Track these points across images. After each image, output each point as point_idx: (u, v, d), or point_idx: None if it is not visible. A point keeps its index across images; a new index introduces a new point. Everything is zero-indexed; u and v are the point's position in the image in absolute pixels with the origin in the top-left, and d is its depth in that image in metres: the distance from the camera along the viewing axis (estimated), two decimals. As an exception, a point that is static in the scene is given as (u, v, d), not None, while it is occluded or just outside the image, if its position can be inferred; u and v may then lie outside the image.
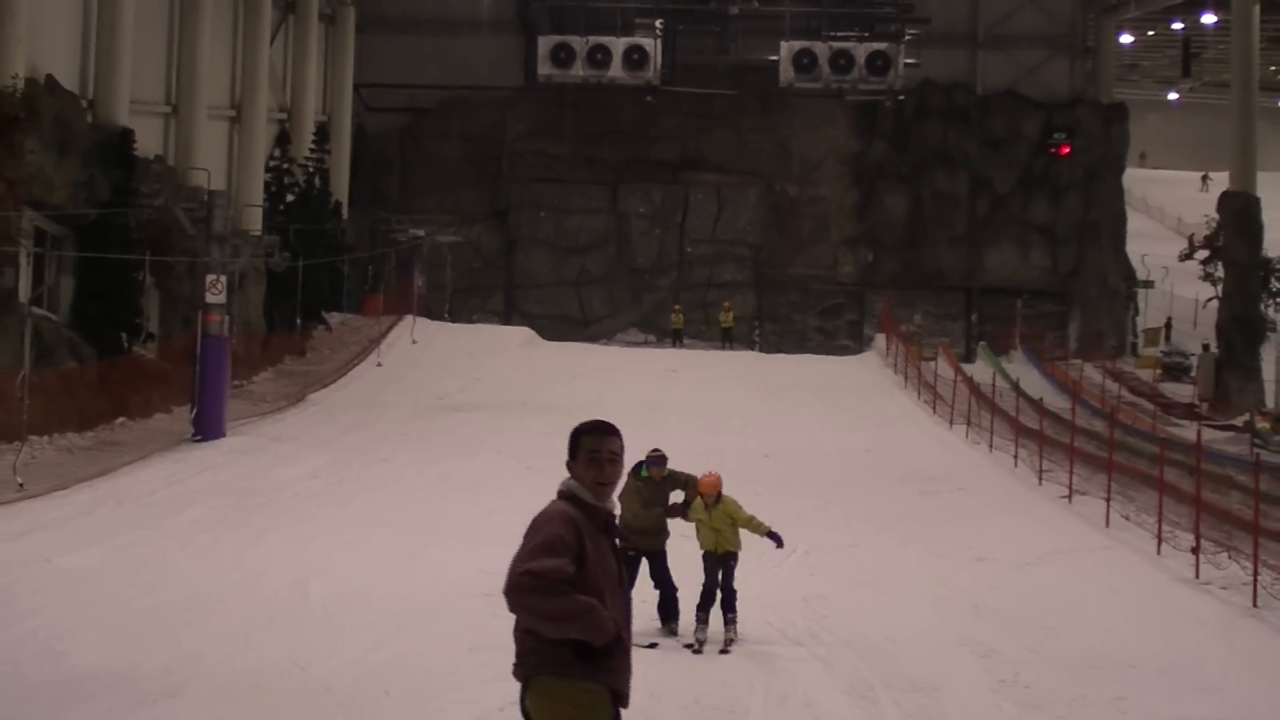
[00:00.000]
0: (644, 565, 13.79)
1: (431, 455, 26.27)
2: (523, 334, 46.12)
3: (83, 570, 15.77)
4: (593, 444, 6.05)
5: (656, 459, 14.07)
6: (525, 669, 5.78)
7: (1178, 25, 57.03)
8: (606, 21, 49.68)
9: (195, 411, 27.35)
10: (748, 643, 13.50)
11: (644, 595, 13.64)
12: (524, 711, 5.82)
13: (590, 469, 5.98)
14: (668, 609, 13.80)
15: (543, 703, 5.73)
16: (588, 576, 5.72)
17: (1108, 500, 22.17)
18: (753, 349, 49.59)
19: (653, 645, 13.17)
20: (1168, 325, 51.03)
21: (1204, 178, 70.35)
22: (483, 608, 14.64)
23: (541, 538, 5.73)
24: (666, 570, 13.80)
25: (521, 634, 5.80)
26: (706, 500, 13.87)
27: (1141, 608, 16.18)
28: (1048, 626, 14.88)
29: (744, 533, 13.90)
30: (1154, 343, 50.27)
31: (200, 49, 36.78)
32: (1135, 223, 56.71)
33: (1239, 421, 35.37)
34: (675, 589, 13.79)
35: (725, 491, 13.95)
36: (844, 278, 52.68)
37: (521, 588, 5.63)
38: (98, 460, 24.18)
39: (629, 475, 13.93)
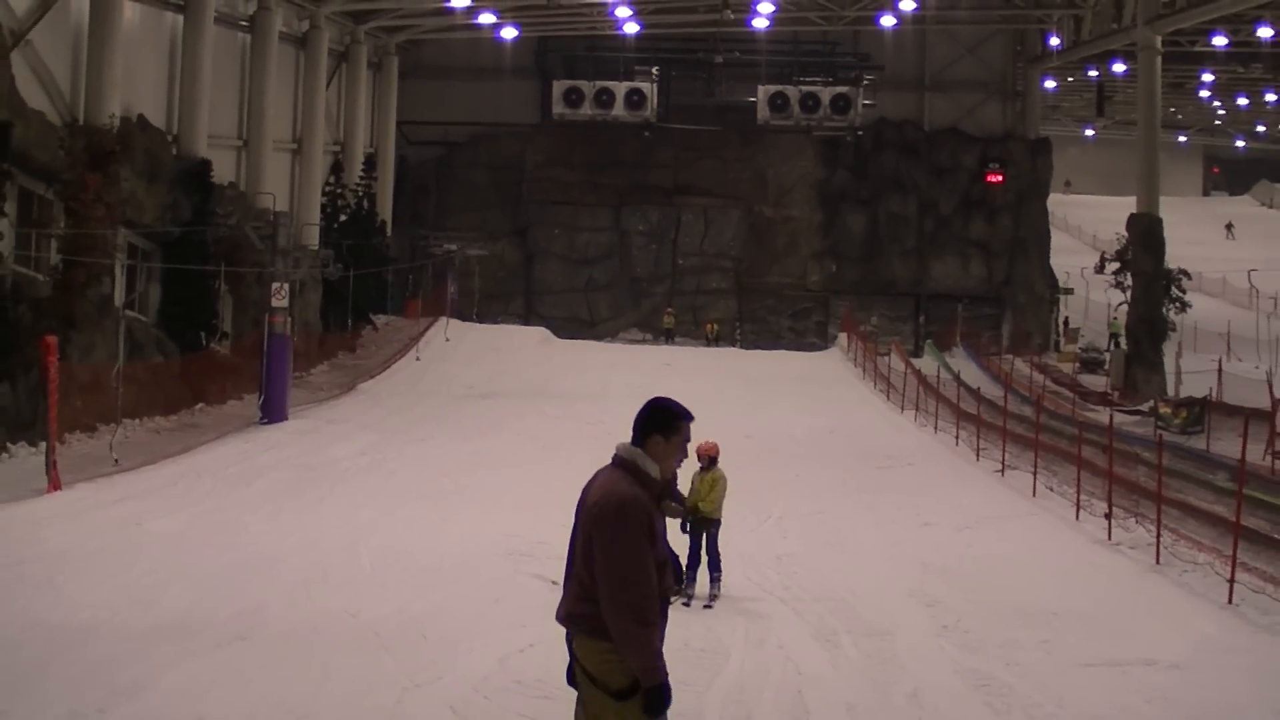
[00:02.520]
0: None
1: (462, 435, 26.29)
2: (539, 333, 46.14)
3: (168, 533, 15.79)
4: (687, 432, 5.85)
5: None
6: (574, 624, 5.59)
7: (1093, 73, 57.02)
8: (611, 68, 49.72)
9: (262, 398, 27.36)
10: (730, 596, 13.50)
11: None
12: (571, 651, 5.65)
13: (677, 451, 5.77)
14: (674, 575, 13.69)
15: (589, 649, 5.56)
16: (654, 548, 5.56)
17: (1034, 474, 22.19)
18: (735, 346, 49.71)
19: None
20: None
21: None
22: (505, 565, 14.67)
23: (628, 554, 5.45)
24: (665, 540, 13.73)
25: (577, 596, 5.58)
26: (702, 462, 13.86)
27: (1063, 564, 16.20)
28: (984, 580, 14.90)
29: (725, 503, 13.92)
30: (1074, 341, 50.30)
31: (267, 92, 36.75)
32: (1058, 239, 56.74)
33: (1145, 407, 35.41)
34: (676, 556, 13.69)
35: (721, 465, 13.94)
36: (812, 285, 52.74)
37: (623, 602, 5.41)
38: (180, 440, 24.20)
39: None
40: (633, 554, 5.43)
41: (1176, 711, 9.77)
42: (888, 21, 46.70)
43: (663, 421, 5.76)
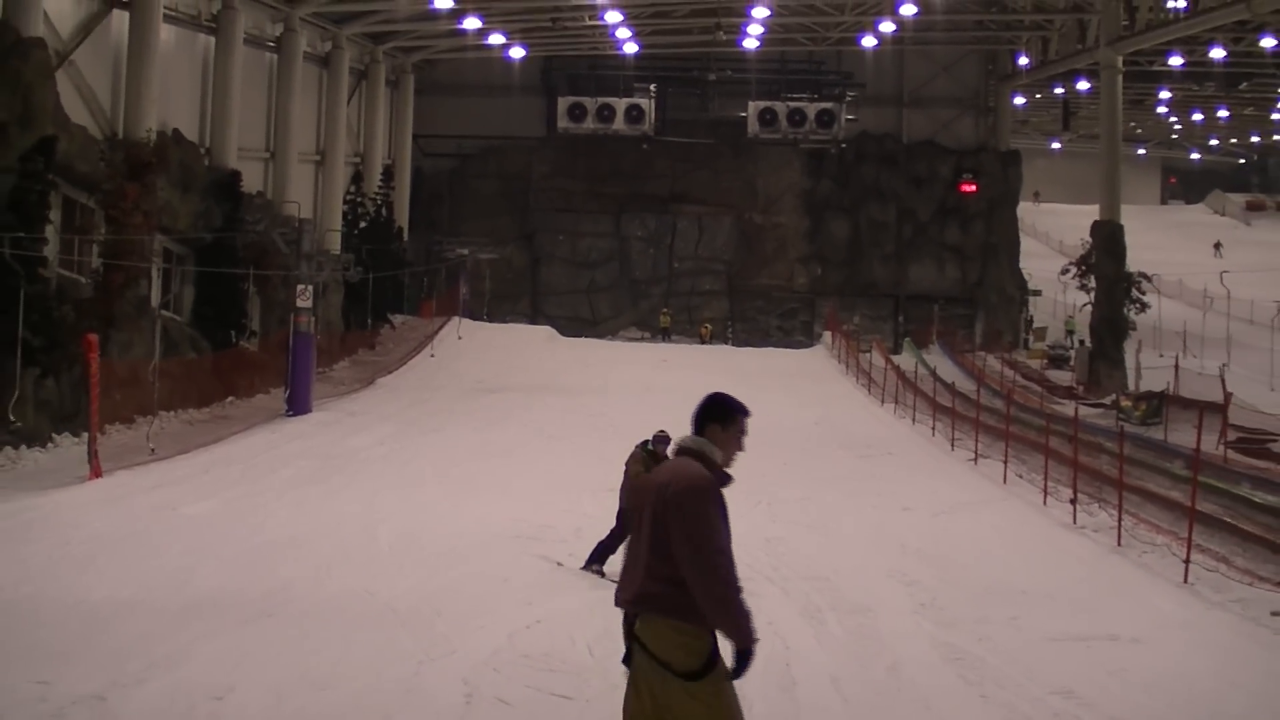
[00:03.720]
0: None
1: (473, 427, 26.28)
2: (545, 331, 46.13)
3: (201, 516, 15.79)
4: (745, 425, 5.77)
5: (662, 438, 14.02)
6: (645, 604, 5.35)
7: (1059, 90, 57.02)
8: (611, 86, 49.78)
9: (288, 392, 27.38)
10: (722, 574, 13.49)
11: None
12: (633, 636, 5.39)
13: (736, 444, 5.68)
14: None
15: (658, 630, 5.31)
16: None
17: (1005, 462, 22.19)
18: (726, 343, 49.71)
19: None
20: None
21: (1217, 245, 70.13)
22: (513, 547, 14.66)
23: (715, 526, 5.32)
24: None
25: (646, 578, 5.36)
26: None
27: (1031, 546, 16.20)
28: (958, 561, 14.90)
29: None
30: (1043, 339, 50.34)
31: (292, 107, 36.74)
32: (1026, 245, 56.72)
33: (1107, 400, 35.40)
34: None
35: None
36: (798, 287, 52.73)
37: (717, 569, 5.25)
38: (212, 430, 24.20)
39: (637, 447, 13.99)
40: (718, 526, 5.34)
41: (1136, 682, 9.78)
42: (869, 42, 46.68)
43: (720, 412, 5.70)
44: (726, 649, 5.36)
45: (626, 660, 5.49)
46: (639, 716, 5.36)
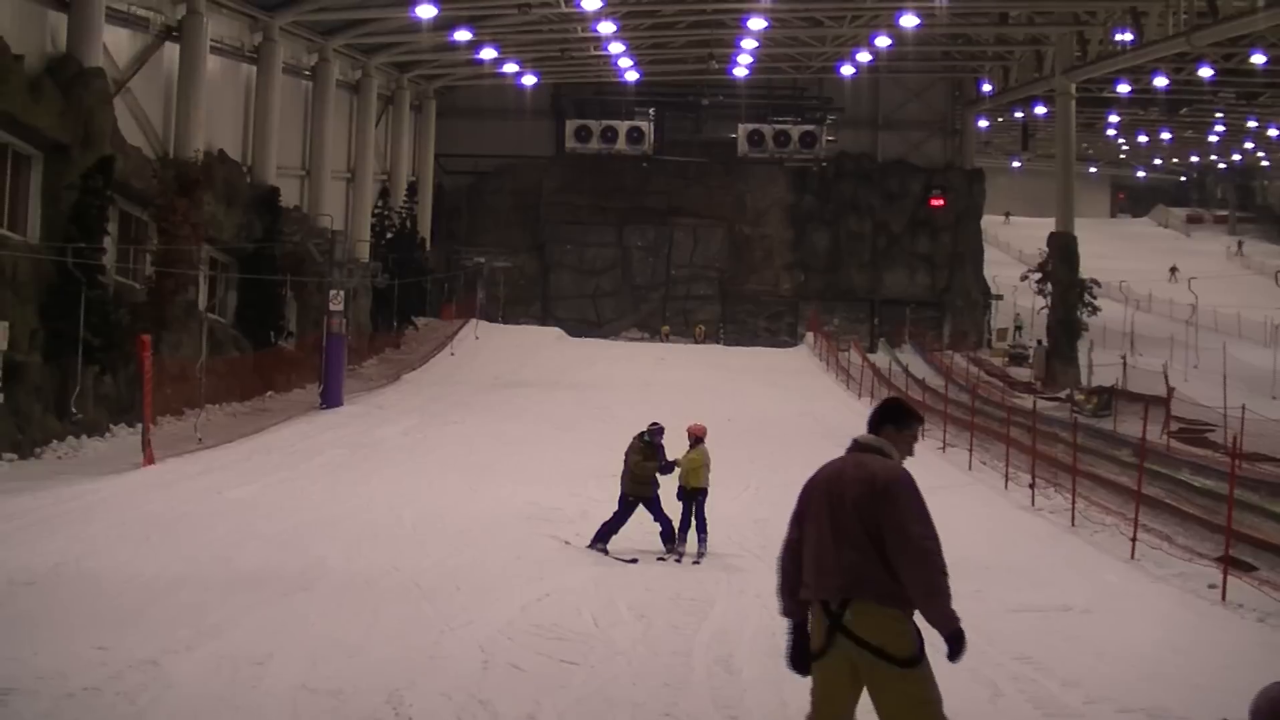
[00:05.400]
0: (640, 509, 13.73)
1: (490, 419, 26.31)
2: (555, 332, 46.14)
3: (244, 500, 15.82)
4: (918, 432, 5.61)
5: (656, 429, 14.05)
6: (861, 589, 4.99)
7: (1019, 114, 56.91)
8: (614, 109, 49.70)
9: (322, 387, 27.42)
10: (715, 554, 13.53)
11: (649, 527, 13.70)
12: (840, 625, 4.99)
13: (907, 448, 5.48)
14: (669, 537, 13.67)
15: (876, 618, 4.96)
16: None
17: (970, 451, 22.24)
18: (719, 343, 49.69)
19: (633, 560, 13.11)
20: (1018, 327, 51.07)
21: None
22: (525, 528, 14.69)
23: (926, 514, 5.09)
24: (660, 509, 13.72)
25: (857, 565, 5.01)
26: (691, 440, 13.90)
27: (993, 526, 16.23)
28: (927, 540, 14.90)
29: (710, 474, 13.94)
30: (1004, 339, 50.32)
31: (326, 130, 36.73)
32: (990, 254, 56.66)
33: (1062, 395, 35.39)
34: (670, 520, 13.72)
35: (706, 444, 13.98)
36: (784, 292, 52.64)
37: (932, 555, 4.98)
38: (253, 422, 24.25)
39: (636, 438, 13.99)
40: (928, 514, 5.08)
41: (1088, 648, 9.80)
42: (847, 70, 46.63)
43: (897, 415, 5.51)
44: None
45: (818, 655, 5.08)
46: (842, 706, 5.05)
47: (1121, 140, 74.02)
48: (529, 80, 46.28)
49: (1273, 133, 63.56)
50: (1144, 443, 17.56)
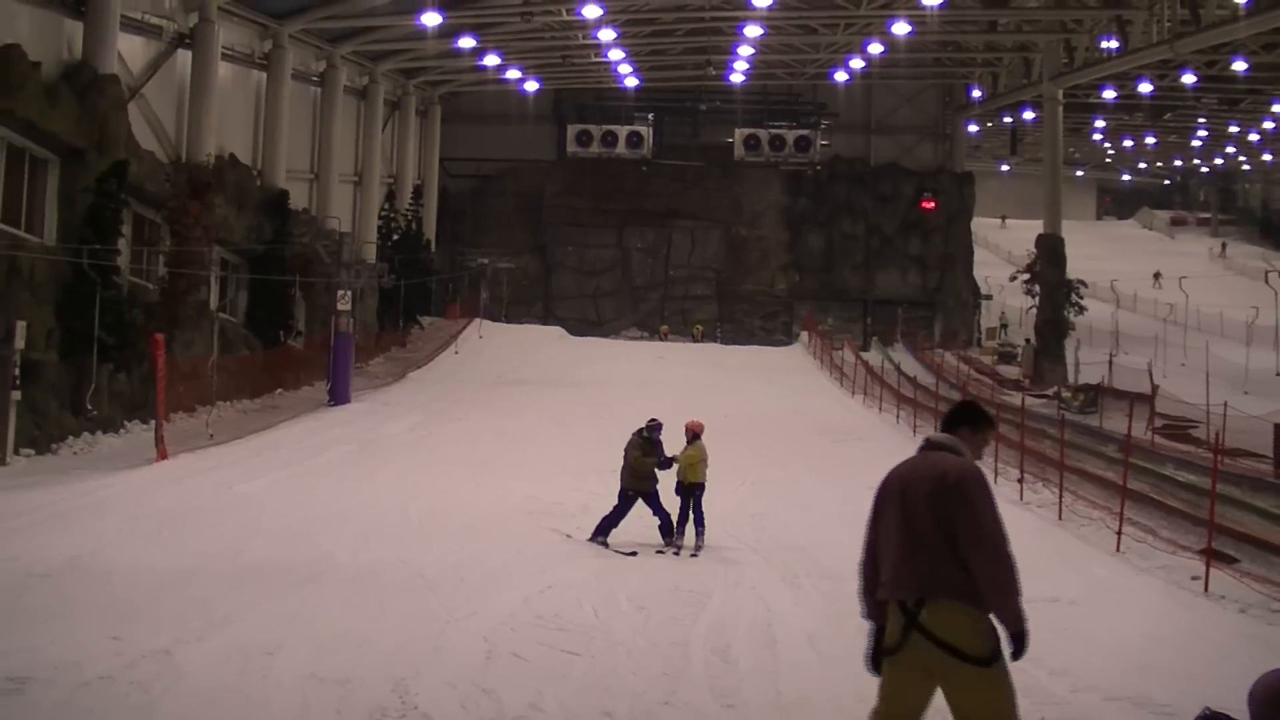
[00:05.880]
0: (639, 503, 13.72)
1: (493, 416, 26.29)
2: (556, 331, 46.12)
3: (253, 494, 15.81)
4: (990, 436, 5.50)
5: (654, 425, 14.04)
6: (938, 588, 4.88)
7: (1008, 119, 56.92)
8: (614, 114, 49.70)
9: (330, 385, 27.42)
10: (712, 547, 13.53)
11: (648, 521, 13.69)
12: (916, 624, 4.89)
13: (979, 451, 5.33)
14: (667, 531, 13.67)
15: (954, 617, 4.85)
16: None
17: (960, 446, 22.18)
18: (716, 342, 49.67)
19: (633, 553, 13.11)
20: (1002, 325, 51.18)
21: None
22: (527, 522, 14.69)
23: (998, 512, 5.00)
24: (659, 503, 13.72)
25: (934, 564, 4.91)
26: (689, 436, 13.90)
27: (983, 521, 16.18)
28: (918, 534, 14.89)
29: (707, 470, 13.94)
30: (994, 338, 50.31)
31: (334, 135, 36.74)
32: (979, 255, 56.60)
33: (1050, 392, 35.41)
34: (669, 514, 13.71)
35: (704, 440, 13.98)
36: (779, 292, 52.61)
37: (1005, 553, 4.91)
38: (263, 418, 24.24)
39: (634, 434, 13.97)
40: (998, 511, 5.00)
41: (1076, 639, 9.79)
42: (840, 77, 46.58)
43: (973, 417, 5.40)
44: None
45: (891, 651, 4.99)
46: (913, 704, 4.95)
47: (1107, 145, 74.02)
48: (531, 86, 46.27)
49: (1253, 137, 63.68)
50: (1129, 439, 17.56)
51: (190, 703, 7.26)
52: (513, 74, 43.80)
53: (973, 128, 60.01)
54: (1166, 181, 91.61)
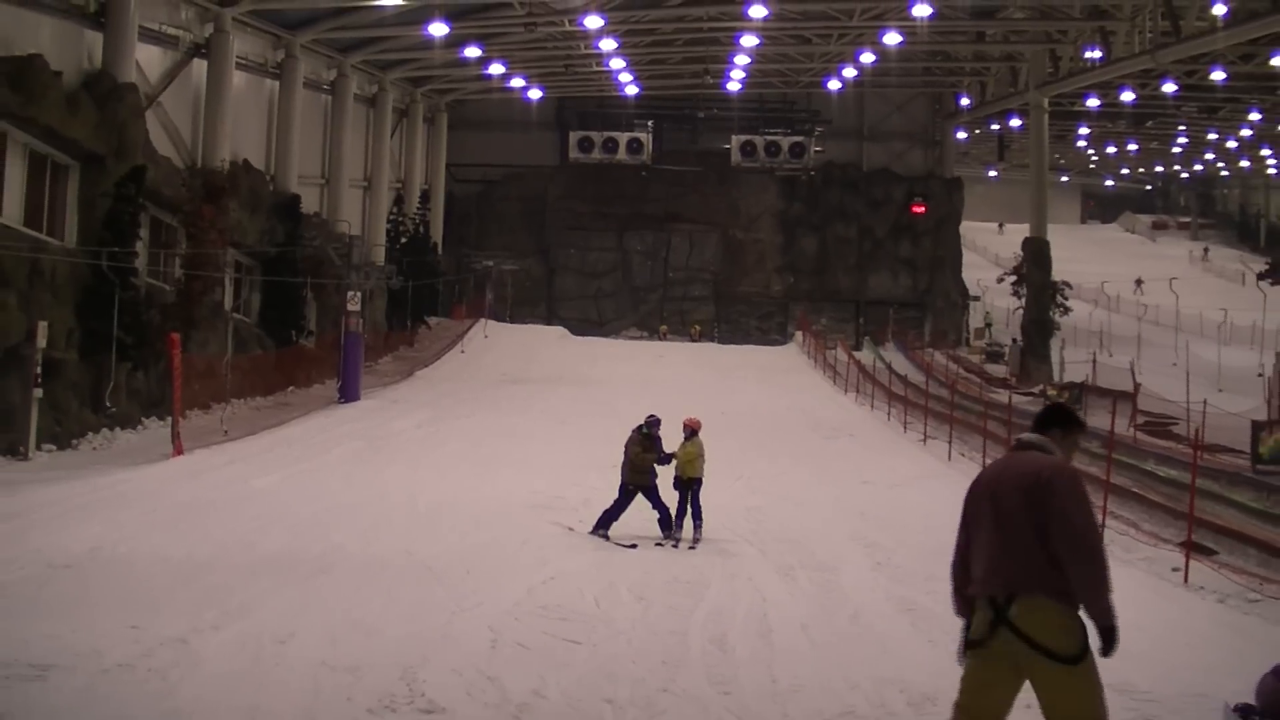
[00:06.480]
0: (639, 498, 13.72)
1: (498, 413, 26.28)
2: (559, 331, 46.09)
3: (266, 489, 15.82)
4: (1080, 441, 5.40)
5: (653, 421, 14.04)
6: (1032, 585, 4.80)
7: (995, 126, 56.90)
8: (615, 121, 49.74)
9: (340, 383, 27.40)
10: (710, 539, 13.54)
11: (648, 515, 13.71)
12: (1005, 619, 4.80)
13: (1069, 448, 5.20)
14: (666, 524, 13.65)
15: (1046, 614, 4.77)
16: None
17: (949, 442, 22.25)
18: (713, 341, 49.65)
19: (633, 545, 13.11)
20: (987, 325, 51.20)
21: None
22: (531, 515, 14.69)
23: (1092, 510, 4.92)
24: (658, 497, 13.70)
25: (1026, 561, 4.82)
26: (686, 433, 13.91)
27: (971, 514, 16.20)
28: (910, 526, 14.94)
29: (705, 464, 13.94)
30: (981, 338, 50.32)
31: (344, 141, 36.72)
32: (968, 257, 56.65)
33: (1036, 390, 35.39)
34: (668, 508, 13.70)
35: (701, 436, 13.99)
36: (774, 294, 52.61)
37: (1099, 550, 4.85)
38: (276, 415, 24.23)
39: (634, 431, 13.98)
40: (1091, 508, 4.92)
41: (1059, 629, 9.80)
42: (834, 85, 46.60)
43: (1064, 419, 5.28)
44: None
45: (976, 644, 4.91)
46: (999, 698, 4.86)
47: (1091, 151, 74.02)
48: (535, 94, 46.29)
49: (1231, 144, 63.68)
50: (1112, 435, 17.56)
51: (206, 689, 7.27)
52: (517, 82, 43.81)
53: (961, 134, 60.03)
54: (1148, 187, 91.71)
